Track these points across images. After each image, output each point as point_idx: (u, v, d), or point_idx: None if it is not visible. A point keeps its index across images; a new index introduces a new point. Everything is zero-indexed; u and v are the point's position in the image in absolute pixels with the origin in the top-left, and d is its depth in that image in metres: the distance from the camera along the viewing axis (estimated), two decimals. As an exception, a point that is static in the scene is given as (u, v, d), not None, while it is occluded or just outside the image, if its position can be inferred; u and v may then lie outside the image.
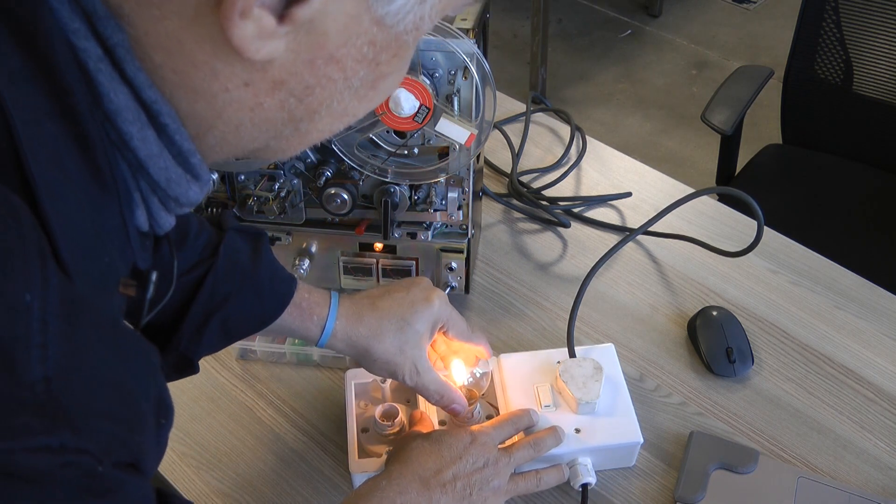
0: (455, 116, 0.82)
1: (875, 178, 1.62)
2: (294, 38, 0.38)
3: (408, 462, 0.72)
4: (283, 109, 0.42)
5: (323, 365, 0.95)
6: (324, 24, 0.38)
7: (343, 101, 0.43)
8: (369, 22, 0.39)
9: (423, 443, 0.74)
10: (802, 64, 1.62)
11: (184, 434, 0.88)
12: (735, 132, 1.56)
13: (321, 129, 0.45)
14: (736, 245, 1.03)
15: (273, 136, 0.44)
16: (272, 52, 0.38)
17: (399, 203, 0.90)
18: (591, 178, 1.19)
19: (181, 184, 0.43)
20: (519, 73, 2.91)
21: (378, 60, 0.42)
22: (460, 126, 0.81)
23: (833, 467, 0.85)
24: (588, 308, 1.00)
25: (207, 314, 0.67)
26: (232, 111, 0.41)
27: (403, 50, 0.43)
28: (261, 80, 0.40)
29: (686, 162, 2.59)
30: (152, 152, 0.40)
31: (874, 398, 0.92)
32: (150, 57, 0.38)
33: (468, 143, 0.82)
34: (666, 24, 3.20)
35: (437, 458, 0.73)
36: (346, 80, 0.42)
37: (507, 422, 0.80)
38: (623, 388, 0.86)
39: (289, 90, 0.41)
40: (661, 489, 0.83)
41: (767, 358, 0.96)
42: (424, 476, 0.71)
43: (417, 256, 0.95)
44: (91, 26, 0.37)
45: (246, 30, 0.36)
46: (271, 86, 0.40)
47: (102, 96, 0.38)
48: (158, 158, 0.41)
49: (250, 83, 0.40)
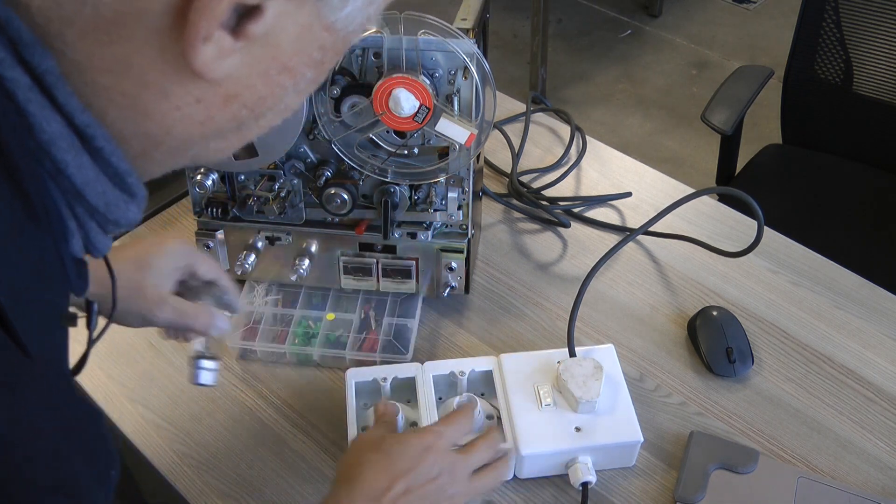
0: (455, 116, 0.82)
1: (875, 178, 1.62)
2: (248, 52, 0.38)
3: (356, 482, 0.68)
4: (234, 120, 0.42)
5: (323, 365, 0.95)
6: (277, 37, 0.38)
7: (287, 101, 0.43)
8: (320, 29, 0.39)
9: (373, 456, 0.70)
10: (802, 64, 1.62)
11: (184, 434, 0.88)
12: (735, 132, 1.56)
13: (262, 127, 0.45)
14: (736, 245, 1.03)
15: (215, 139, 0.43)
16: (228, 69, 0.38)
17: (399, 203, 0.90)
18: (591, 178, 1.19)
19: (119, 206, 0.42)
20: (519, 73, 2.91)
21: (324, 61, 0.42)
22: (460, 126, 0.81)
23: (833, 467, 0.85)
24: (588, 308, 1.00)
25: None
26: (182, 128, 0.40)
27: (346, 46, 0.43)
28: (213, 95, 0.39)
29: (686, 162, 2.59)
30: (89, 178, 0.39)
31: (874, 398, 0.92)
32: (96, 80, 0.37)
33: (468, 142, 0.82)
34: (666, 24, 3.19)
35: (388, 473, 0.68)
36: (295, 85, 0.42)
37: (461, 420, 0.76)
38: (623, 388, 0.86)
39: (241, 102, 0.40)
40: (661, 489, 0.83)
41: (767, 358, 0.96)
42: (374, 495, 0.67)
43: (417, 256, 0.95)
44: (17, 54, 0.35)
45: (207, 53, 0.36)
46: (223, 100, 0.40)
47: (34, 126, 0.36)
48: (96, 183, 0.40)
49: (202, 100, 0.39)
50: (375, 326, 0.97)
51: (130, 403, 0.91)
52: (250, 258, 0.95)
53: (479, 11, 0.83)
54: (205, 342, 0.80)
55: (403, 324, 0.97)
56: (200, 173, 0.90)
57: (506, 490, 0.83)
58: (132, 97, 0.38)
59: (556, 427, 0.82)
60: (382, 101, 0.79)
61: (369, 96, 0.80)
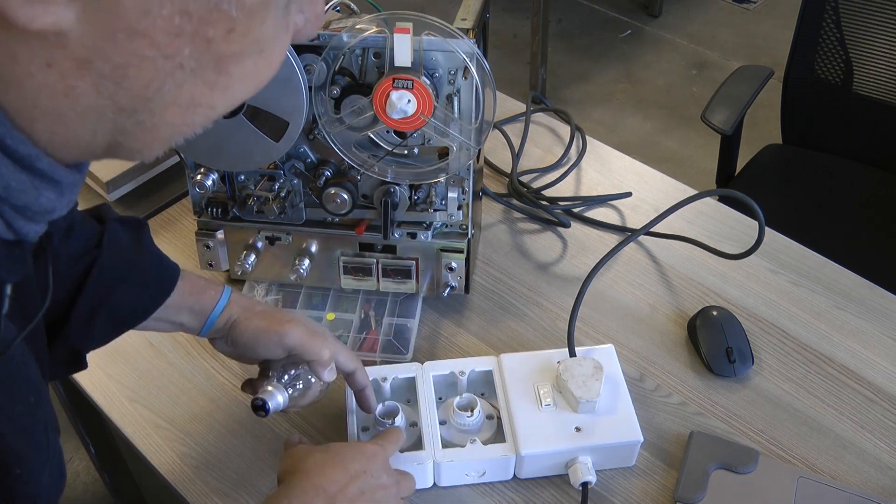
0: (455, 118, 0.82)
1: (875, 178, 1.62)
2: (83, 5, 0.34)
3: (309, 474, 0.67)
4: (102, 95, 0.37)
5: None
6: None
7: (184, 88, 0.39)
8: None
9: (324, 455, 0.69)
10: (802, 64, 1.62)
11: (184, 434, 0.88)
12: (735, 132, 1.56)
13: (172, 123, 0.41)
14: (736, 245, 1.03)
15: (113, 129, 0.40)
16: (57, 21, 0.34)
17: (399, 203, 0.90)
18: (591, 178, 1.19)
19: (26, 191, 0.39)
20: (519, 73, 2.91)
21: (206, 36, 0.37)
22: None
23: (833, 467, 0.85)
24: (588, 308, 1.00)
25: (95, 305, 0.67)
26: (45, 99, 0.37)
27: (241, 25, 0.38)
28: (62, 58, 0.35)
29: (686, 162, 2.59)
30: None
31: (874, 398, 0.92)
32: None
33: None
34: (666, 24, 3.20)
35: (343, 472, 0.68)
36: (167, 60, 0.37)
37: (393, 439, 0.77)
38: (623, 388, 0.86)
39: (98, 71, 0.36)
40: (661, 489, 0.83)
41: (767, 358, 0.96)
42: (330, 491, 0.66)
43: (417, 256, 0.95)
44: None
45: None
46: (76, 65, 0.36)
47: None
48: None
49: (53, 63, 0.36)
50: (375, 326, 0.97)
51: (130, 403, 0.91)
52: (250, 258, 0.95)
53: (479, 11, 0.83)
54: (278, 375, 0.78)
55: (403, 324, 0.97)
56: (200, 173, 0.90)
57: (506, 490, 0.83)
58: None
59: (556, 427, 0.82)
60: (382, 100, 0.79)
61: (369, 96, 0.80)
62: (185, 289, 0.75)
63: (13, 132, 0.37)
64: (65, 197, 0.42)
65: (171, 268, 0.75)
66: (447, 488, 0.83)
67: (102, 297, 0.67)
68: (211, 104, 0.41)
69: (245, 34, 0.38)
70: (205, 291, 0.77)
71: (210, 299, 0.76)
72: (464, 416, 0.83)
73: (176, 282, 0.74)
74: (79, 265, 0.66)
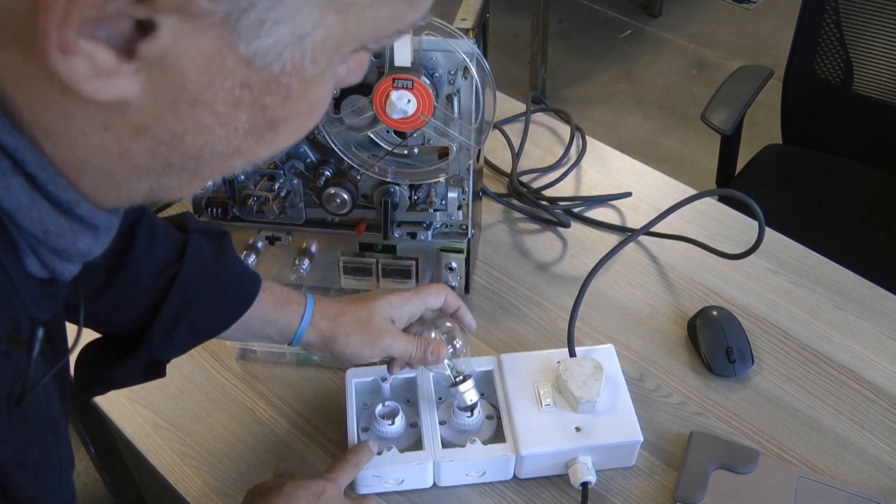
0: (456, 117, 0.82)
1: (875, 178, 1.62)
2: (148, 76, 0.34)
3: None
4: (155, 157, 0.38)
5: (323, 365, 0.95)
6: (179, 63, 0.34)
7: (233, 144, 0.39)
8: (235, 62, 0.35)
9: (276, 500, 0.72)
10: (802, 64, 1.62)
11: (184, 434, 0.88)
12: (735, 132, 1.56)
13: (215, 169, 0.41)
14: (736, 245, 1.03)
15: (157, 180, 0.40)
16: (121, 92, 0.34)
17: (399, 203, 0.90)
18: (591, 178, 1.19)
19: (64, 235, 0.39)
20: (519, 73, 2.91)
21: (263, 104, 0.37)
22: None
23: (833, 467, 0.85)
24: (588, 308, 1.00)
25: (177, 317, 0.67)
26: (98, 159, 0.37)
27: (298, 93, 0.38)
28: (121, 124, 0.36)
29: (686, 162, 2.59)
30: (20, 203, 0.37)
31: (874, 398, 0.92)
32: (3, 90, 0.34)
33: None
34: (666, 24, 3.20)
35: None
36: (224, 126, 0.37)
37: (350, 464, 0.78)
38: (623, 388, 0.86)
39: (154, 137, 0.36)
40: (661, 489, 0.83)
41: (767, 358, 0.96)
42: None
43: (417, 256, 0.95)
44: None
45: (75, 67, 0.32)
46: (133, 131, 0.36)
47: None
48: (29, 210, 0.37)
49: (110, 127, 0.36)
50: (375, 326, 0.97)
51: (130, 403, 0.91)
52: (250, 258, 0.95)
53: (479, 11, 0.83)
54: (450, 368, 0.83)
55: (403, 324, 0.97)
56: (200, 173, 0.90)
57: (506, 490, 0.83)
58: (37, 114, 0.35)
59: (556, 427, 0.82)
60: (382, 100, 0.79)
61: (369, 96, 0.80)
62: (268, 301, 0.75)
63: (56, 178, 0.38)
64: (100, 241, 0.43)
65: (252, 279, 0.74)
66: (447, 488, 0.83)
67: (184, 310, 0.67)
68: (255, 154, 0.41)
69: (300, 100, 0.39)
70: (288, 305, 0.76)
71: (294, 314, 0.76)
72: (464, 416, 0.83)
73: (256, 294, 0.74)
74: (161, 278, 0.66)
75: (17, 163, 0.36)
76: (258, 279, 0.75)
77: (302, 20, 0.34)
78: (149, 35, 0.32)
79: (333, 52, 0.37)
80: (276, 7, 0.33)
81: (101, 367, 0.67)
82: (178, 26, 0.32)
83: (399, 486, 0.83)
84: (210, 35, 0.33)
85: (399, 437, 0.84)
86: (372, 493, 0.82)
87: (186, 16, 0.32)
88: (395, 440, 0.83)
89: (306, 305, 0.77)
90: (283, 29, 0.34)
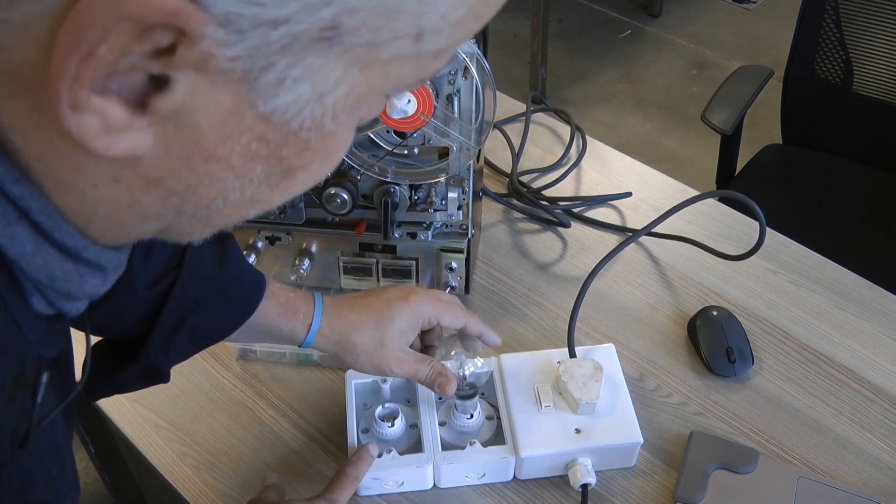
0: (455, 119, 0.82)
1: (875, 178, 1.62)
2: (161, 130, 0.33)
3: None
4: (167, 206, 0.37)
5: (323, 365, 0.95)
6: (194, 119, 0.32)
7: (247, 193, 0.38)
8: (253, 118, 0.33)
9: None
10: (802, 64, 1.62)
11: (184, 434, 0.88)
12: (735, 132, 1.56)
13: (228, 217, 0.40)
14: (736, 245, 1.03)
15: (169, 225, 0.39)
16: (133, 147, 0.32)
17: (399, 203, 0.90)
18: (591, 178, 1.19)
19: (71, 280, 0.39)
20: (519, 73, 2.91)
21: (279, 156, 0.36)
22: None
23: (833, 467, 0.85)
24: (588, 308, 1.00)
25: (175, 325, 0.66)
26: (107, 208, 0.36)
27: (316, 144, 0.37)
28: (132, 176, 0.35)
29: (686, 162, 2.59)
30: (24, 250, 0.36)
31: (874, 398, 0.92)
32: (11, 140, 0.33)
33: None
34: (666, 24, 3.20)
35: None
36: (239, 178, 0.36)
37: (350, 478, 0.77)
38: (623, 389, 0.86)
39: (167, 188, 0.35)
40: (661, 489, 0.83)
41: (767, 358, 0.96)
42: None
43: (417, 256, 0.95)
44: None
45: (86, 123, 0.31)
46: (145, 183, 0.35)
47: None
48: (34, 256, 0.37)
49: (120, 179, 0.35)
50: (375, 326, 0.97)
51: (130, 403, 0.91)
52: (250, 258, 0.95)
53: (479, 11, 0.83)
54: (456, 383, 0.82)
55: (403, 324, 0.97)
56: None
57: (506, 491, 0.83)
58: (46, 163, 0.34)
59: (555, 428, 0.82)
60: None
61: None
62: (272, 310, 0.73)
63: (63, 225, 0.37)
64: (108, 280, 0.42)
65: (256, 284, 0.72)
66: (447, 489, 0.83)
67: (182, 318, 0.66)
68: (270, 201, 0.40)
69: (318, 150, 0.38)
70: (293, 315, 0.74)
71: (300, 325, 0.75)
72: (463, 417, 0.83)
73: (259, 301, 0.72)
74: (158, 287, 0.64)
75: (22, 211, 0.35)
76: (262, 284, 0.73)
77: (323, 78, 0.33)
78: (163, 90, 0.31)
79: (355, 107, 0.36)
80: (298, 65, 0.32)
81: (104, 372, 0.67)
82: (194, 82, 0.31)
83: (399, 488, 0.83)
84: (228, 92, 0.32)
85: (399, 438, 0.84)
86: (372, 495, 0.82)
87: (204, 73, 0.31)
88: (394, 442, 0.83)
89: (313, 316, 0.75)
90: (304, 87, 0.33)
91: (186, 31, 0.29)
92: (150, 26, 0.28)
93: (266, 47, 0.30)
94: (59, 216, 0.37)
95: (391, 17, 0.31)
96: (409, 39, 0.33)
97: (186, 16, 0.28)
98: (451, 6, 0.33)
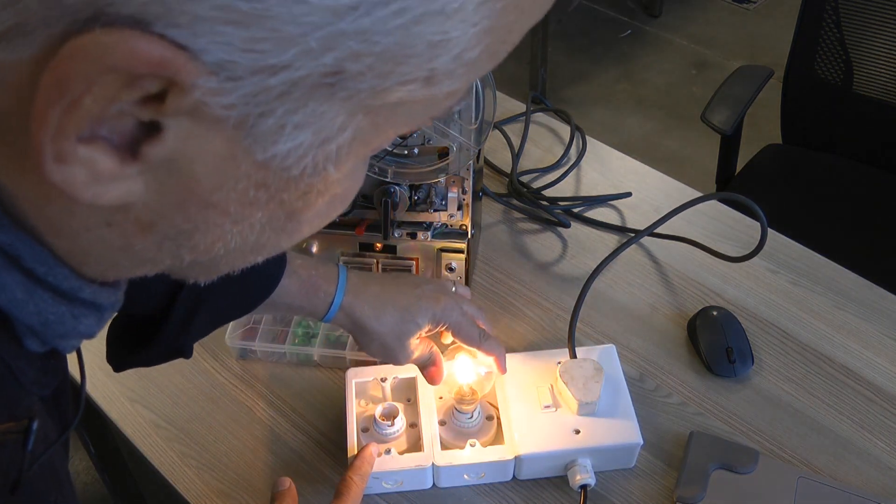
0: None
1: (875, 178, 1.62)
2: (153, 178, 0.31)
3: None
4: (162, 250, 0.35)
5: (323, 365, 0.95)
6: (188, 165, 0.31)
7: (249, 239, 0.36)
8: (251, 165, 0.32)
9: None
10: (802, 64, 1.62)
11: (184, 434, 0.88)
12: (735, 132, 1.56)
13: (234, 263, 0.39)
14: (736, 245, 1.03)
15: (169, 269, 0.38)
16: (124, 195, 0.31)
17: (399, 203, 0.90)
18: (591, 178, 1.19)
19: (65, 322, 0.38)
20: (519, 73, 2.91)
21: (280, 200, 0.35)
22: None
23: (833, 467, 0.85)
24: (588, 308, 1.00)
25: (194, 305, 0.66)
26: (100, 251, 0.35)
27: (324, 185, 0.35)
28: (124, 220, 0.33)
29: (686, 162, 2.59)
30: (15, 298, 0.35)
31: (874, 398, 0.92)
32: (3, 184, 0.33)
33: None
34: (666, 24, 3.19)
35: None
36: (237, 224, 0.35)
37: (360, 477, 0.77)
38: (623, 389, 0.86)
39: (162, 233, 0.34)
40: (661, 489, 0.83)
41: (767, 358, 0.96)
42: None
43: (417, 256, 0.95)
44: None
45: (73, 176, 0.29)
46: (138, 228, 0.33)
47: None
48: (26, 304, 0.36)
49: (113, 223, 0.33)
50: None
51: (130, 403, 0.91)
52: (250, 258, 0.95)
53: (479, 11, 0.83)
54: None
55: (403, 324, 0.97)
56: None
57: (505, 491, 0.83)
58: (37, 207, 0.33)
59: (555, 429, 0.82)
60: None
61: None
62: (293, 288, 0.73)
63: (57, 269, 0.36)
64: (104, 319, 0.41)
65: (276, 261, 0.71)
66: (447, 489, 0.83)
67: (200, 299, 0.66)
68: (278, 245, 0.39)
69: (323, 191, 0.36)
70: (314, 294, 0.74)
71: (321, 303, 0.75)
72: (463, 417, 0.83)
73: (279, 280, 0.71)
74: None
75: (12, 258, 0.34)
76: (283, 262, 0.72)
77: (326, 124, 0.31)
78: (155, 136, 0.29)
79: (360, 150, 0.34)
80: (298, 112, 0.30)
81: (127, 348, 0.67)
82: (187, 129, 0.29)
83: (398, 488, 0.83)
84: (223, 138, 0.30)
85: (398, 437, 0.84)
86: (372, 494, 0.82)
87: (197, 119, 0.29)
88: (394, 441, 0.83)
89: (335, 295, 0.75)
90: (306, 134, 0.31)
91: (176, 81, 0.27)
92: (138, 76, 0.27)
93: (264, 94, 0.29)
94: (52, 260, 0.35)
95: (399, 61, 0.29)
96: (420, 83, 0.31)
97: (175, 67, 0.27)
98: (466, 47, 0.30)
